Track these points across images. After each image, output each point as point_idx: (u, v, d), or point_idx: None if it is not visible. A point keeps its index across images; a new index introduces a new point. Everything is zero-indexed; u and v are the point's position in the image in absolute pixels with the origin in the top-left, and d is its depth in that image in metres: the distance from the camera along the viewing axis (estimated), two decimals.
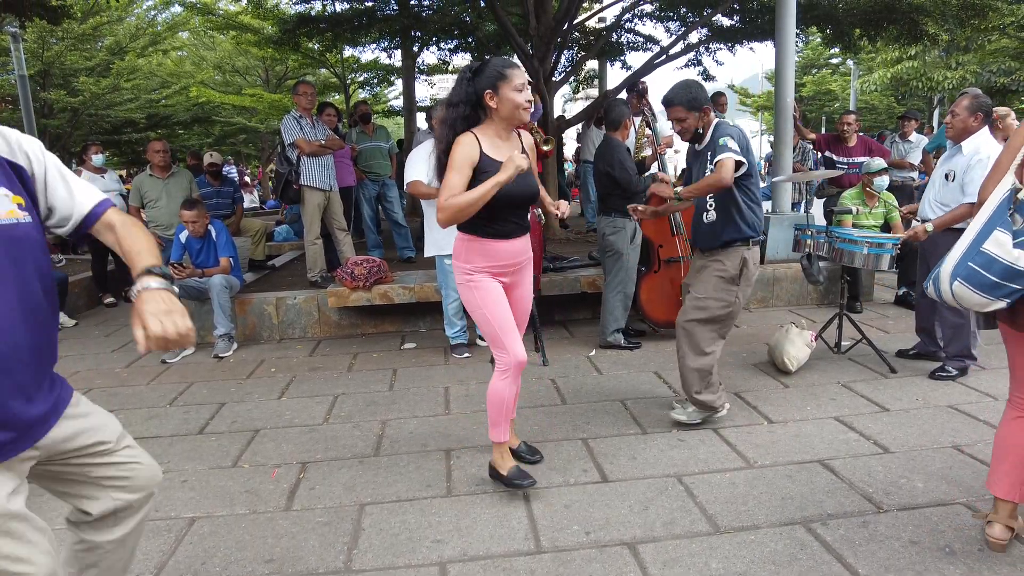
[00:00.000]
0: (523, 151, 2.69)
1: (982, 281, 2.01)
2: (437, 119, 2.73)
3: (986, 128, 3.75)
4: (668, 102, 3.21)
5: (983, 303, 2.04)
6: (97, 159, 6.84)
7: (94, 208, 1.54)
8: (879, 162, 5.25)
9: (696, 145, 3.34)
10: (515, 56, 8.35)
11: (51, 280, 1.48)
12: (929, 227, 3.67)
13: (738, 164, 3.05)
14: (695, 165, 3.36)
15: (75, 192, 1.52)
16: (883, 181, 5.18)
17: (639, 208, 3.60)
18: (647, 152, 5.13)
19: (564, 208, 2.75)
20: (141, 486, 1.66)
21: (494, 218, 2.59)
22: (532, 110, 7.48)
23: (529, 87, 2.57)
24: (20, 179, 1.43)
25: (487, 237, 2.62)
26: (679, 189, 3.28)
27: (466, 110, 2.56)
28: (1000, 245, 1.97)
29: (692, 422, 3.34)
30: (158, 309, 1.34)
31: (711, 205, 3.26)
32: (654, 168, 5.14)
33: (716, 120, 3.23)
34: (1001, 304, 2.03)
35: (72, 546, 1.66)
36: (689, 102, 3.14)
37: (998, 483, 2.26)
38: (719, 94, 7.79)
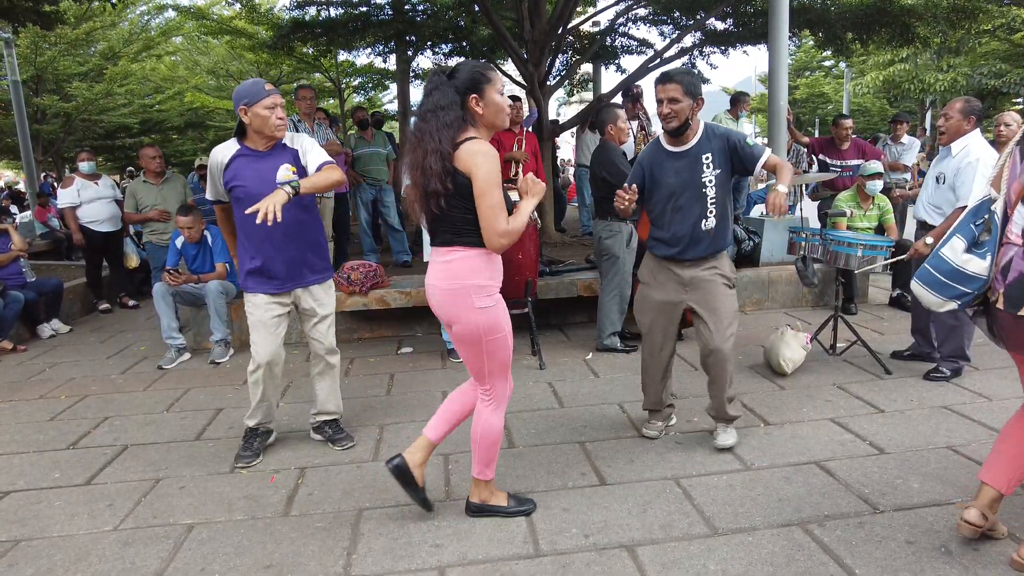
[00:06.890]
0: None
1: (932, 280, 2.19)
2: (416, 130, 2.35)
3: (977, 130, 3.78)
4: (667, 77, 2.88)
5: (936, 302, 2.20)
6: (83, 166, 6.75)
7: (319, 164, 3.01)
8: (876, 165, 5.28)
9: (673, 146, 3.01)
10: (509, 60, 8.37)
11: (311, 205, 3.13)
12: (929, 240, 3.66)
13: None
14: (670, 166, 3.01)
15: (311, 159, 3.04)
16: (876, 185, 5.22)
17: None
18: None
19: None
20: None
21: None
22: (527, 115, 7.51)
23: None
24: (295, 158, 3.05)
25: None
26: (779, 185, 2.80)
27: (457, 113, 2.23)
28: (953, 249, 2.15)
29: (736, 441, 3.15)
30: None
31: (711, 211, 2.98)
32: None
33: (703, 122, 3.00)
34: (952, 305, 2.17)
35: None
36: (689, 85, 2.85)
37: (988, 469, 2.28)
38: (743, 94, 7.80)
